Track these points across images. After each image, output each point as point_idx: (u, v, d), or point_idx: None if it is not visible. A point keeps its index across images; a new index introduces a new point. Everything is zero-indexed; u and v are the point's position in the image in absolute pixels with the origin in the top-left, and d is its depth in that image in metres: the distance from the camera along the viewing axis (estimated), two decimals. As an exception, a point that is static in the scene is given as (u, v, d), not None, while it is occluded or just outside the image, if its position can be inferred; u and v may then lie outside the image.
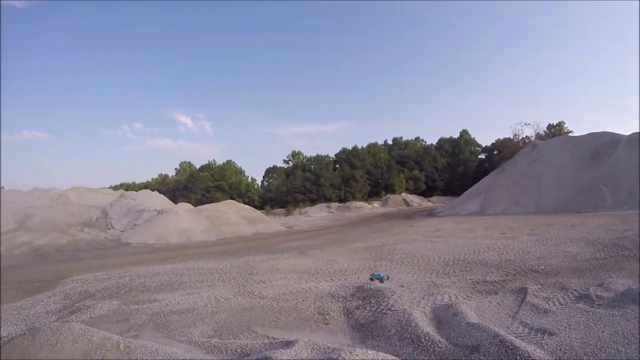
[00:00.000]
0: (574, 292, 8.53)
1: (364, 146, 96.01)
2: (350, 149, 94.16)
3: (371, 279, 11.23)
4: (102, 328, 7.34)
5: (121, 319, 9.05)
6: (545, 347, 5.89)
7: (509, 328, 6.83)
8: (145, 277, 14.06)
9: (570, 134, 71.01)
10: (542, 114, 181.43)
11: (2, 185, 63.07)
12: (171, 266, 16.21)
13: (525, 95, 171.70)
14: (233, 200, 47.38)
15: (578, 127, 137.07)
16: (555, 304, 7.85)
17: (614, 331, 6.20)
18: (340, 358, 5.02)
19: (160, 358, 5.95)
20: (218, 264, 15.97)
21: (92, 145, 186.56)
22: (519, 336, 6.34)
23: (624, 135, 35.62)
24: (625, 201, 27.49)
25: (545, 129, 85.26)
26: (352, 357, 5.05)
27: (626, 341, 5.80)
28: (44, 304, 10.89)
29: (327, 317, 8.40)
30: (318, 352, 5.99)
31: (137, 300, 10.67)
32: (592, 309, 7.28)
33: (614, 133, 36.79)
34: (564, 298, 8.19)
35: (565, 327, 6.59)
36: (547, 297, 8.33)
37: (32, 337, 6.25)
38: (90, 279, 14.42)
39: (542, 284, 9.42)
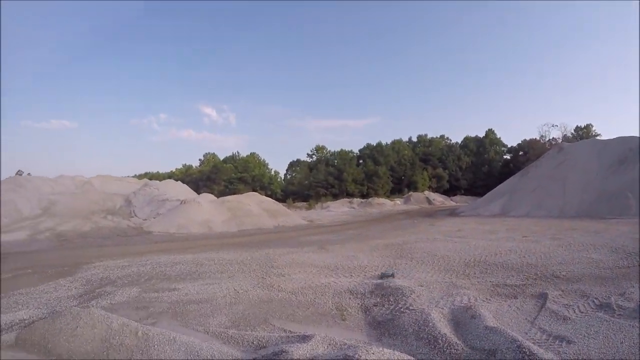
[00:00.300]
0: (595, 300, 8.42)
1: (389, 142, 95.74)
2: (375, 144, 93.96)
3: (382, 276, 11.29)
4: (121, 314, 7.47)
5: (140, 306, 9.18)
6: (563, 355, 5.85)
7: (527, 334, 6.78)
8: (165, 265, 14.23)
9: (598, 137, 69.95)
10: (571, 116, 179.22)
11: (27, 171, 64.27)
12: (192, 256, 16.38)
13: (554, 95, 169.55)
14: (255, 193, 47.61)
15: (606, 131, 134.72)
16: (575, 312, 7.76)
17: (633, 342, 6.11)
18: (356, 355, 5.03)
19: (177, 346, 6.03)
20: (238, 256, 16.09)
21: (118, 135, 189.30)
22: (537, 342, 6.29)
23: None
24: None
25: (572, 131, 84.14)
26: (369, 355, 5.06)
27: (646, 353, 5.72)
28: (65, 289, 11.09)
29: (345, 313, 8.42)
30: (334, 348, 6.01)
31: (157, 289, 10.81)
32: (613, 319, 7.18)
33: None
34: (584, 306, 8.08)
35: (584, 336, 6.52)
36: (567, 304, 8.24)
37: (52, 321, 6.38)
38: (111, 265, 14.64)
39: (562, 290, 9.31)
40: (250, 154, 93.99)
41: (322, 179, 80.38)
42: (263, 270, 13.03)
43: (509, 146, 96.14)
